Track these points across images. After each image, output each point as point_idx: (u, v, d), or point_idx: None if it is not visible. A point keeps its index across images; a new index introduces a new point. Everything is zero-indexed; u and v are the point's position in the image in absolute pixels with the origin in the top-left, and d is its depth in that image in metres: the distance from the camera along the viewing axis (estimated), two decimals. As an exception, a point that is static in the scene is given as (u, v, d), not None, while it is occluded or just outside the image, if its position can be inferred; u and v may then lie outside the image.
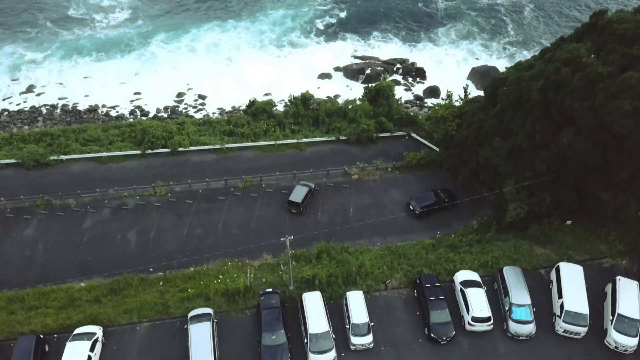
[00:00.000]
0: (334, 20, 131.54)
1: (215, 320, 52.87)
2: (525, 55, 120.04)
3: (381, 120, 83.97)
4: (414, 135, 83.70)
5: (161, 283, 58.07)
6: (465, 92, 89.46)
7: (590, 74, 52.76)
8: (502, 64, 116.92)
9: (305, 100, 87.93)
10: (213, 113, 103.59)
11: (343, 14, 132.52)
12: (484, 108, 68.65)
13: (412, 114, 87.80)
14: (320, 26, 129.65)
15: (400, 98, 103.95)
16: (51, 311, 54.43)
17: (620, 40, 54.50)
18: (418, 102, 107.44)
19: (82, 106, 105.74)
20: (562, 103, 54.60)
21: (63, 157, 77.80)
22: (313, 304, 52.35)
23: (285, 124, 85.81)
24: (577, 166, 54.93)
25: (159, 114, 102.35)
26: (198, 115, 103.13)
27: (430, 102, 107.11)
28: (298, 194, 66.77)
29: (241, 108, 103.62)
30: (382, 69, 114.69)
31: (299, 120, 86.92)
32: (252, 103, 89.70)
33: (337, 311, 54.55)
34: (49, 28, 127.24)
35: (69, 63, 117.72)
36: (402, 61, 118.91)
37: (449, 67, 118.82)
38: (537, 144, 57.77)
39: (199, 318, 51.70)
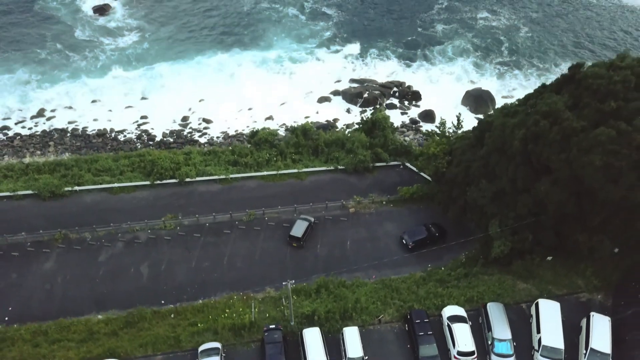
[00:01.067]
0: (334, 43, 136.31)
1: (224, 354, 58.17)
2: (517, 74, 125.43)
3: (377, 150, 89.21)
4: (408, 164, 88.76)
5: (172, 316, 63.30)
6: (458, 120, 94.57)
7: (566, 128, 57.97)
8: (495, 86, 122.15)
9: (305, 131, 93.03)
10: (217, 137, 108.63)
11: (343, 37, 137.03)
12: (472, 146, 73.73)
13: (406, 143, 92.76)
14: (321, 49, 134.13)
15: (396, 127, 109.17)
16: (72, 344, 59.63)
17: (594, 95, 59.64)
18: (413, 125, 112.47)
19: (91, 130, 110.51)
20: (541, 154, 59.79)
21: (77, 188, 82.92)
22: (312, 339, 57.85)
23: (286, 153, 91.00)
24: (554, 212, 60.12)
25: (165, 139, 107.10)
26: (203, 140, 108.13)
27: (425, 126, 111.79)
28: (298, 229, 72.05)
29: (244, 132, 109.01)
30: (379, 92, 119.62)
31: (299, 150, 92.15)
32: (255, 133, 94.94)
33: (334, 345, 59.78)
34: (59, 50, 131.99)
35: (78, 87, 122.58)
36: (399, 84, 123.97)
37: (445, 88, 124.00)
38: (519, 188, 62.98)
39: (209, 352, 57.14)
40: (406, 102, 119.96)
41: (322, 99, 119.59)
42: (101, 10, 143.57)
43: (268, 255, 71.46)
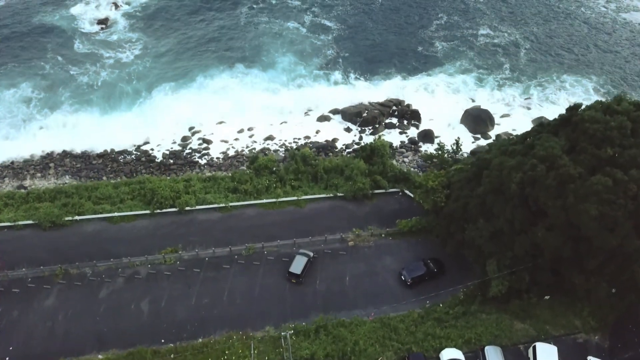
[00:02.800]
0: (335, 61, 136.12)
1: (223, 400, 59.07)
2: (517, 93, 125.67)
3: (376, 178, 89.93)
4: (406, 191, 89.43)
5: (172, 356, 64.04)
6: (457, 144, 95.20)
7: (562, 174, 58.58)
8: (495, 105, 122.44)
9: (305, 157, 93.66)
10: (217, 158, 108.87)
11: (344, 56, 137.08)
12: (470, 181, 74.31)
13: (405, 169, 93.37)
14: (322, 67, 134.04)
15: (395, 147, 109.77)
16: (74, 386, 60.53)
17: (590, 140, 60.28)
18: (412, 146, 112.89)
19: (91, 150, 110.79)
20: (538, 198, 60.39)
21: (77, 217, 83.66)
22: (312, 384, 58.68)
23: (286, 180, 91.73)
24: (551, 255, 60.80)
25: (165, 160, 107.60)
26: (203, 161, 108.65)
27: (424, 147, 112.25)
28: (297, 265, 72.75)
29: (245, 152, 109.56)
30: (378, 111, 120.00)
31: (299, 177, 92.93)
32: (255, 158, 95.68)
33: (333, 389, 60.72)
34: (60, 63, 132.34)
35: (78, 106, 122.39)
36: (398, 103, 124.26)
37: (444, 107, 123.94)
38: (517, 229, 63.59)
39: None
40: (405, 122, 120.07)
41: (322, 118, 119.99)
42: (102, 22, 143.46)
43: (267, 291, 72.15)
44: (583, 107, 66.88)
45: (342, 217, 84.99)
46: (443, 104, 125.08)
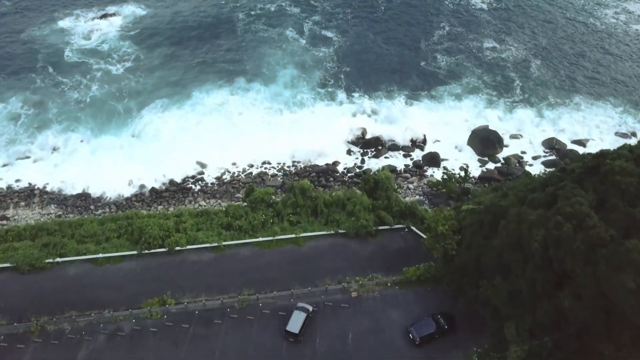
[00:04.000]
0: (336, 80, 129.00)
1: None
2: (528, 112, 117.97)
3: (380, 213, 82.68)
4: (413, 228, 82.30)
5: None
6: (466, 172, 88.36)
7: (592, 237, 51.24)
8: (504, 125, 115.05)
9: (304, 190, 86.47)
10: (212, 183, 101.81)
11: (346, 74, 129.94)
12: (483, 225, 67.12)
13: (410, 203, 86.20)
14: (323, 86, 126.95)
15: (399, 171, 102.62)
16: None
17: (622, 195, 52.96)
18: (417, 170, 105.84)
19: (80, 178, 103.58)
20: (564, 261, 53.05)
21: (59, 259, 76.55)
22: None
23: (283, 214, 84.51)
24: (578, 325, 53.54)
25: (157, 186, 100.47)
26: (197, 187, 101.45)
27: (430, 170, 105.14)
28: (295, 323, 65.55)
29: (241, 177, 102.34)
30: (381, 134, 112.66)
31: (297, 210, 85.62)
32: (250, 190, 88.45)
33: None
34: (51, 77, 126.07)
35: (67, 123, 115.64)
36: (403, 122, 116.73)
37: (450, 127, 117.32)
38: (538, 292, 56.29)
39: None
40: (410, 144, 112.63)
41: (322, 139, 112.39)
42: (92, 35, 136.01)
43: (262, 351, 65.13)
44: (607, 149, 59.44)
45: (343, 257, 77.97)
46: (449, 125, 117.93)
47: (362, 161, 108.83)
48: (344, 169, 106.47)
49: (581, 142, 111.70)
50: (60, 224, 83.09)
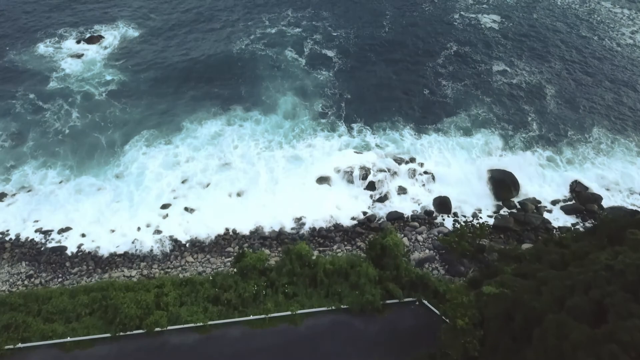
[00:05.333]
0: (338, 108, 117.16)
1: None
2: (546, 149, 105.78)
3: (388, 286, 70.92)
4: (424, 301, 70.59)
5: None
6: (482, 227, 77.51)
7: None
8: (521, 166, 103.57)
9: (300, 255, 74.46)
10: (201, 236, 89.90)
11: (347, 102, 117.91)
12: (509, 320, 55.28)
13: (421, 273, 74.49)
14: (324, 115, 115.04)
15: (407, 218, 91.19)
16: None
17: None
18: (427, 218, 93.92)
19: (57, 224, 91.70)
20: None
21: (20, 345, 64.62)
22: None
23: (278, 285, 72.64)
24: None
25: (140, 237, 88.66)
26: (184, 236, 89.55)
27: (440, 217, 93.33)
28: None
29: (234, 229, 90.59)
30: (387, 172, 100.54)
31: (293, 280, 73.68)
32: (241, 255, 76.85)
33: None
34: (31, 104, 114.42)
35: (44, 159, 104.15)
36: (409, 160, 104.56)
37: (461, 167, 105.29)
38: None
39: None
40: (417, 184, 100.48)
41: (322, 180, 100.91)
42: (75, 58, 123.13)
43: None
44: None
45: (346, 340, 66.59)
46: (459, 164, 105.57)
47: (368, 207, 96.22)
48: (350, 218, 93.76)
49: (604, 185, 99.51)
50: (26, 297, 71.22)
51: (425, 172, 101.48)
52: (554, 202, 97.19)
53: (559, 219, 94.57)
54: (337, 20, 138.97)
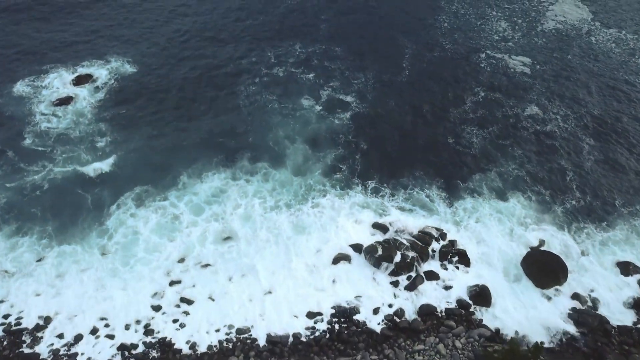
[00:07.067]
0: (353, 160, 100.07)
1: None
2: (593, 224, 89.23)
3: None
4: None
5: None
6: (537, 348, 61.41)
7: None
8: (566, 243, 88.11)
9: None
10: (200, 335, 73.38)
11: (363, 153, 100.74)
12: None
13: None
14: (338, 169, 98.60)
15: (441, 313, 75.04)
16: None
17: None
18: (463, 313, 77.31)
19: (30, 320, 74.88)
20: None
21: None
22: None
23: None
24: None
25: (128, 340, 71.70)
26: (181, 336, 72.93)
27: (479, 312, 76.94)
28: None
29: (240, 328, 74.39)
30: (413, 254, 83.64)
31: None
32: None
33: None
34: (12, 160, 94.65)
35: (18, 225, 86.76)
36: (437, 235, 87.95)
37: (496, 242, 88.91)
38: None
39: None
40: (448, 263, 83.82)
41: (339, 259, 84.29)
42: (60, 103, 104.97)
43: None
44: None
45: None
46: (495, 237, 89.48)
47: (394, 296, 79.62)
48: (373, 311, 77.21)
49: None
50: None
51: (457, 251, 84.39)
52: (606, 292, 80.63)
53: (614, 313, 78.16)
54: (352, 61, 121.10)
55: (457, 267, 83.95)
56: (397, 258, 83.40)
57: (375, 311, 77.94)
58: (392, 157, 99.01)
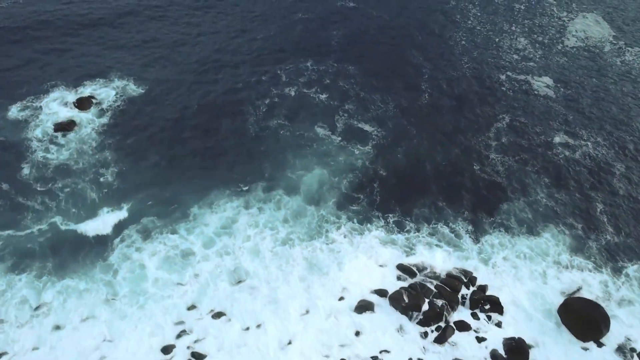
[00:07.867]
0: (371, 191, 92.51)
1: None
2: (626, 257, 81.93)
3: None
4: None
5: None
6: None
7: None
8: (605, 288, 79.97)
9: None
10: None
11: (382, 182, 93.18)
12: None
13: None
14: (355, 200, 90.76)
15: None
16: None
17: None
18: (499, 369, 69.55)
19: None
20: None
21: None
22: None
23: None
24: None
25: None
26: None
27: (515, 370, 69.16)
28: None
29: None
30: (443, 302, 76.01)
31: None
32: None
33: None
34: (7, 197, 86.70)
35: (14, 261, 78.31)
36: (466, 278, 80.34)
37: (527, 285, 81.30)
38: None
39: None
40: (480, 315, 76.23)
41: (362, 307, 76.61)
42: (61, 128, 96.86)
43: None
44: None
45: None
46: (527, 280, 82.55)
47: (422, 348, 72.33)
48: (398, 363, 69.59)
49: None
50: None
51: (489, 297, 76.63)
52: (652, 344, 73.08)
53: (662, 370, 70.70)
54: (367, 80, 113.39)
55: (490, 317, 76.17)
56: (425, 306, 75.61)
57: (402, 367, 69.90)
58: (412, 189, 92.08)
